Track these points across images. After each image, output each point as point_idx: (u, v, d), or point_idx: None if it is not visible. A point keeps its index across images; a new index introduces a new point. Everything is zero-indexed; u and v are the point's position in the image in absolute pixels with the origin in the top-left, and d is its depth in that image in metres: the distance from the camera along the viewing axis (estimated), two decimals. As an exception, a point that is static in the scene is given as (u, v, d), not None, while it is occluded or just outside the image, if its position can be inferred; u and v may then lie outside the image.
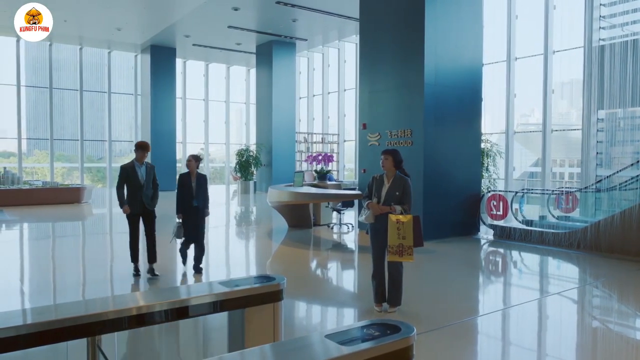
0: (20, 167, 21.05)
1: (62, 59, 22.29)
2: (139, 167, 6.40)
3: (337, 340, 1.74)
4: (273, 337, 2.45)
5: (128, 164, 6.41)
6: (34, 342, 1.84)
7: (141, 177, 6.36)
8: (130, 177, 6.32)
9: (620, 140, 10.56)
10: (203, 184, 6.70)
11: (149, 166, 6.53)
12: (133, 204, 6.34)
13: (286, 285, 2.76)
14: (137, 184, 6.33)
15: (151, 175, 6.50)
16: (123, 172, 6.38)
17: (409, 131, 9.59)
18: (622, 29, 10.64)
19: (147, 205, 6.40)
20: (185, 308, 2.22)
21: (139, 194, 6.34)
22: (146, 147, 6.45)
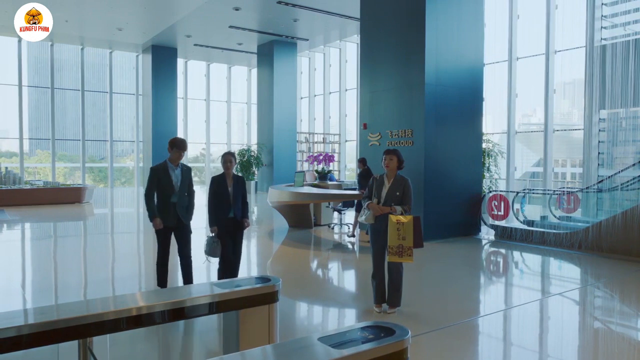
0: (22, 167, 21.07)
1: (64, 59, 22.32)
2: (173, 169, 5.28)
3: (330, 343, 1.72)
4: (268, 339, 2.43)
5: (160, 166, 5.30)
6: (24, 344, 1.82)
7: (175, 182, 5.26)
8: (162, 181, 5.23)
9: (622, 140, 10.52)
10: (241, 188, 5.48)
11: (185, 169, 5.39)
12: (164, 216, 5.25)
13: (282, 286, 2.74)
14: (169, 190, 5.24)
15: (187, 181, 5.38)
16: (154, 175, 5.26)
17: (409, 131, 9.56)
18: (625, 29, 10.60)
19: (181, 218, 5.31)
20: (179, 310, 2.19)
21: (172, 203, 5.25)
22: (183, 145, 5.28)
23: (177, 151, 5.25)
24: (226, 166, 5.40)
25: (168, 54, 21.07)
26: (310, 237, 10.16)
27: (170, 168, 5.28)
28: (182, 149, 5.26)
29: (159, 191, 5.26)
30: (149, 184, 5.26)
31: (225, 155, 5.43)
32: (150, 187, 5.27)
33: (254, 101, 22.73)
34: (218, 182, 5.41)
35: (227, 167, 5.41)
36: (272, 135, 19.94)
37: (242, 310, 2.39)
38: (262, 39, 19.51)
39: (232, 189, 5.40)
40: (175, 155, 5.26)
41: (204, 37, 19.37)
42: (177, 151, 5.26)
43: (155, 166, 5.33)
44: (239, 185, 5.45)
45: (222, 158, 5.41)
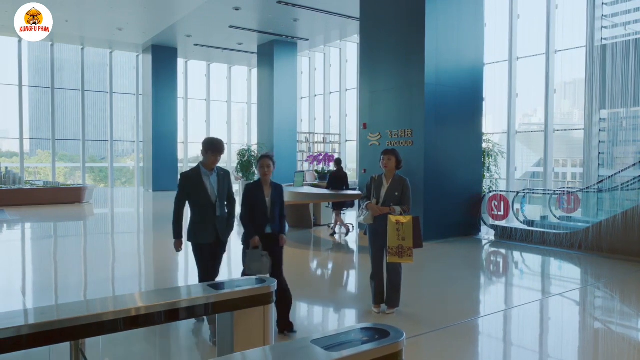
0: (22, 167, 21.08)
1: (64, 59, 22.32)
2: (208, 175, 4.41)
3: (323, 346, 1.70)
4: (263, 341, 2.42)
5: (192, 172, 4.45)
6: (15, 346, 1.80)
7: (212, 190, 4.39)
8: (197, 190, 4.38)
9: (622, 140, 10.49)
10: (280, 198, 4.57)
11: (222, 173, 4.52)
12: (201, 232, 4.40)
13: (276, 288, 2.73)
14: (206, 201, 4.37)
15: (225, 188, 4.52)
16: (184, 183, 4.41)
17: (409, 131, 9.54)
18: (625, 28, 10.57)
19: (220, 234, 4.44)
20: (173, 311, 2.18)
21: (209, 216, 4.38)
22: (219, 148, 4.42)
23: (212, 155, 4.37)
24: (263, 172, 4.44)
25: (168, 54, 21.06)
26: (310, 237, 10.14)
27: (204, 174, 4.40)
28: (218, 151, 4.38)
29: (192, 203, 4.43)
30: (179, 195, 4.44)
31: (263, 159, 4.46)
32: (180, 198, 4.43)
33: (254, 101, 22.71)
34: (253, 190, 4.47)
35: (264, 173, 4.45)
36: (273, 135, 19.92)
37: (236, 312, 2.37)
38: (262, 38, 19.49)
39: (270, 199, 4.47)
40: (210, 159, 4.38)
41: (204, 37, 19.36)
42: (213, 155, 4.37)
43: (186, 172, 4.47)
44: (277, 195, 4.53)
45: (259, 162, 4.48)
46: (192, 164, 25.69)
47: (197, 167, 4.47)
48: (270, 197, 4.47)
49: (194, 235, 4.45)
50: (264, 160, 4.47)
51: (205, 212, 4.40)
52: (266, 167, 4.43)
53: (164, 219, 13.30)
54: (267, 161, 4.46)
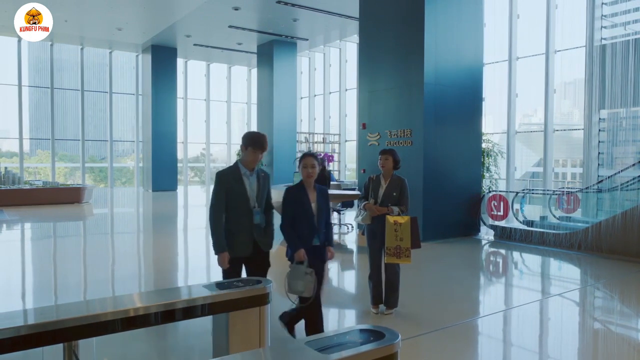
0: (22, 167, 21.07)
1: (64, 59, 22.31)
2: (248, 176, 3.79)
3: (317, 347, 1.69)
4: (258, 342, 2.40)
5: (229, 170, 3.82)
6: (5, 348, 1.79)
7: (251, 193, 3.75)
8: (234, 193, 3.73)
9: (622, 140, 10.48)
10: (326, 203, 3.98)
11: (262, 175, 3.89)
12: (235, 243, 3.72)
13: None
14: (244, 206, 3.73)
15: (265, 192, 3.86)
16: (222, 182, 3.75)
17: (408, 131, 9.53)
18: (625, 28, 10.56)
19: (260, 244, 3.79)
20: (167, 312, 2.16)
21: (246, 224, 3.73)
22: (262, 143, 3.77)
23: (252, 151, 3.73)
24: (307, 173, 3.82)
25: (168, 54, 21.05)
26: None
27: (245, 175, 3.75)
28: (260, 148, 3.74)
29: (229, 206, 3.73)
30: (216, 197, 3.71)
31: (306, 157, 3.85)
32: (218, 202, 3.69)
33: (254, 101, 22.70)
34: (296, 195, 3.85)
35: (307, 175, 3.83)
36: (272, 135, 19.90)
37: (232, 313, 2.36)
38: (261, 38, 19.48)
39: (317, 205, 3.85)
40: (250, 156, 3.76)
41: (203, 37, 19.35)
42: (254, 151, 3.73)
43: (224, 171, 3.81)
44: (324, 200, 3.92)
45: (301, 162, 3.85)
46: (192, 164, 25.72)
47: (236, 165, 3.81)
48: (317, 202, 3.86)
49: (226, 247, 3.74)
50: (307, 159, 3.83)
51: (241, 219, 3.71)
52: (310, 168, 3.81)
53: (163, 219, 13.29)
54: (311, 160, 3.82)
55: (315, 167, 3.85)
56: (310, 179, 3.87)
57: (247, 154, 3.78)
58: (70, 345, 2.04)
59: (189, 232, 11.44)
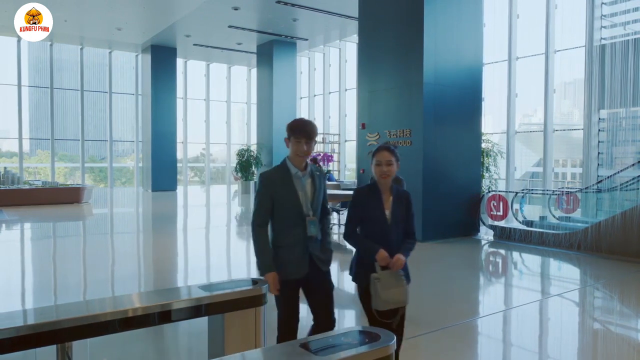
0: (21, 167, 21.07)
1: (63, 59, 22.31)
2: (300, 176, 3.00)
3: (312, 349, 1.68)
4: (255, 344, 2.40)
5: (275, 171, 3.04)
6: (0, 349, 1.78)
7: (304, 198, 2.98)
8: (283, 198, 2.96)
9: (622, 140, 10.47)
10: (408, 209, 3.13)
11: (317, 174, 3.11)
12: (286, 260, 2.97)
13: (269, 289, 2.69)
14: (295, 213, 2.97)
15: (321, 195, 3.09)
16: (266, 186, 2.99)
17: (408, 131, 9.52)
18: (624, 28, 10.55)
19: (317, 262, 3.03)
20: (162, 313, 2.15)
21: (299, 237, 2.97)
22: (305, 128, 2.95)
23: (295, 142, 2.92)
24: (381, 171, 3.00)
25: (167, 54, 21.04)
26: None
27: (295, 175, 2.97)
28: (303, 135, 2.91)
29: (276, 216, 2.99)
30: (259, 204, 2.97)
31: (380, 151, 3.03)
32: (260, 209, 2.97)
33: (254, 101, 22.70)
34: (366, 199, 3.07)
35: (382, 174, 3.00)
36: (272, 135, 19.91)
37: (227, 314, 2.35)
38: (261, 38, 19.48)
39: (392, 213, 3.04)
40: (298, 149, 2.92)
41: (203, 37, 19.35)
42: (297, 141, 2.92)
43: (269, 172, 3.04)
44: (402, 207, 3.09)
45: (375, 157, 3.04)
46: (191, 164, 25.70)
47: (283, 164, 3.02)
48: (392, 210, 3.03)
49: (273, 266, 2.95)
50: (382, 153, 3.00)
51: (292, 231, 2.96)
52: (385, 165, 2.97)
53: (163, 219, 13.28)
54: (387, 155, 2.98)
55: (393, 165, 3.00)
56: (386, 179, 3.00)
57: (290, 147, 2.97)
58: (63, 347, 2.03)
59: (188, 232, 11.43)
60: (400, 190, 3.14)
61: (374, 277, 2.95)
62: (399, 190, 3.13)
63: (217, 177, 26.38)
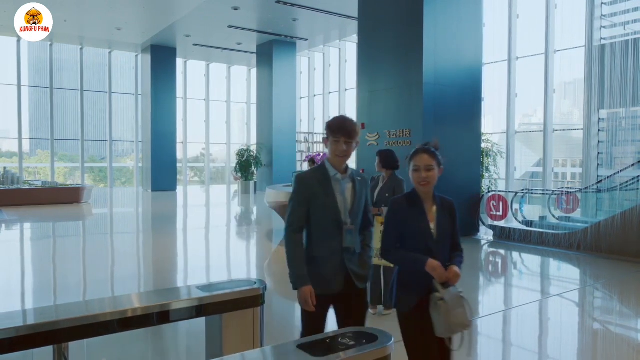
0: (21, 167, 21.06)
1: (63, 59, 22.30)
2: (339, 180, 2.72)
3: (309, 350, 1.68)
4: (253, 344, 2.39)
5: (313, 173, 2.75)
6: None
7: (342, 204, 2.69)
8: (320, 204, 2.68)
9: (621, 140, 10.46)
10: (452, 220, 2.70)
11: (360, 179, 2.81)
12: (319, 273, 2.67)
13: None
14: (331, 221, 2.67)
15: (362, 202, 2.78)
16: (302, 189, 2.71)
17: (407, 131, 9.51)
18: (624, 28, 10.55)
19: (353, 277, 2.69)
20: (159, 314, 2.14)
21: (334, 248, 2.67)
22: (345, 127, 2.66)
23: (334, 142, 2.65)
24: (419, 179, 2.58)
25: (167, 54, 21.03)
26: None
27: (334, 178, 2.69)
28: (343, 133, 2.63)
29: (311, 223, 2.70)
30: (293, 209, 2.68)
31: (419, 154, 2.61)
32: (295, 215, 2.68)
33: (254, 101, 22.70)
34: (406, 211, 2.62)
35: (422, 181, 2.58)
36: (272, 135, 19.91)
37: (225, 314, 2.34)
38: (261, 38, 19.47)
39: (437, 225, 2.61)
40: (337, 149, 2.65)
41: (203, 37, 19.34)
42: (335, 142, 2.65)
43: (305, 173, 2.76)
44: (448, 218, 2.67)
45: (412, 160, 2.62)
46: (191, 164, 25.70)
47: (322, 165, 2.74)
48: (438, 221, 2.61)
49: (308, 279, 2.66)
50: (420, 156, 2.58)
51: (327, 241, 2.66)
52: (425, 171, 2.56)
53: (162, 219, 13.27)
54: (427, 159, 2.57)
55: (434, 170, 2.58)
56: (426, 187, 2.58)
57: (329, 147, 2.69)
58: (60, 348, 2.02)
59: (188, 233, 11.43)
60: (444, 199, 2.72)
61: (437, 298, 2.45)
62: (442, 198, 2.70)
63: (217, 177, 26.38)
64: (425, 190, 2.60)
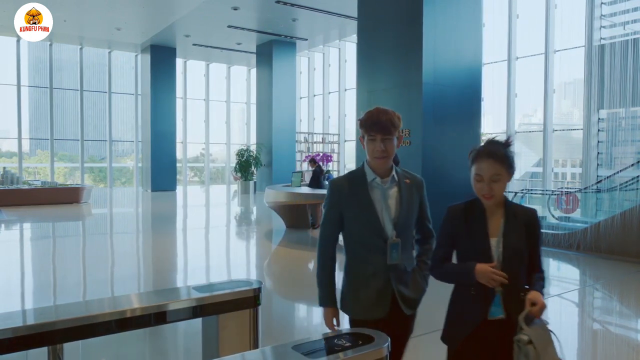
0: (21, 167, 21.06)
1: (63, 59, 22.30)
2: (380, 185, 2.28)
3: (304, 351, 1.67)
4: (249, 345, 2.38)
5: (346, 178, 2.34)
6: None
7: (384, 213, 2.26)
8: (353, 212, 2.27)
9: (621, 140, 10.46)
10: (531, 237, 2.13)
11: (409, 183, 2.40)
12: (359, 295, 2.30)
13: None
14: (371, 234, 2.24)
15: (412, 211, 2.40)
16: (335, 196, 2.31)
17: (407, 131, 9.49)
18: (624, 28, 10.54)
19: (400, 300, 2.32)
20: (155, 315, 2.13)
21: (377, 265, 2.26)
22: (380, 121, 2.24)
23: (370, 142, 2.22)
24: (483, 190, 2.16)
25: (167, 54, 21.03)
26: (308, 238, 10.10)
27: (373, 184, 2.26)
28: (378, 129, 2.21)
29: (349, 236, 2.30)
30: (325, 219, 2.33)
31: (483, 159, 2.14)
32: (327, 225, 2.32)
33: (254, 101, 22.70)
34: (462, 221, 2.25)
35: (485, 195, 2.16)
36: (271, 135, 19.91)
37: (221, 315, 2.33)
38: (261, 38, 19.47)
39: (504, 241, 2.11)
40: (373, 148, 2.21)
41: (203, 37, 19.34)
42: (371, 141, 2.22)
43: (338, 178, 2.37)
44: (521, 231, 2.12)
45: (474, 165, 2.20)
46: (191, 164, 25.72)
47: (360, 168, 2.33)
48: (504, 237, 2.07)
49: (343, 300, 2.34)
50: (484, 163, 2.10)
51: (369, 256, 2.24)
52: (490, 182, 2.09)
53: (161, 219, 13.27)
54: (495, 167, 2.08)
55: (502, 180, 2.09)
56: (491, 200, 2.12)
57: (366, 148, 2.25)
58: (55, 349, 2.01)
59: (187, 233, 11.42)
60: (520, 208, 2.14)
61: (523, 342, 1.97)
62: (518, 208, 2.12)
63: (216, 177, 26.37)
64: (488, 203, 2.15)
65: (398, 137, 2.27)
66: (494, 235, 2.09)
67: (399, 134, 2.27)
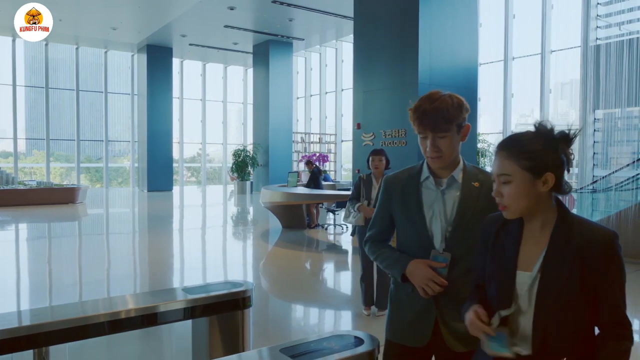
0: (16, 167, 20.97)
1: (59, 58, 22.23)
2: (432, 187, 1.88)
3: (292, 354, 1.64)
4: (239, 347, 2.36)
5: (400, 174, 2.06)
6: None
7: (436, 220, 1.83)
8: (401, 215, 1.92)
9: (617, 140, 10.46)
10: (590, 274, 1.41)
11: (468, 186, 1.83)
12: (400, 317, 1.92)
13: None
14: (417, 240, 1.86)
15: (474, 219, 1.75)
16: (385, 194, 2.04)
17: (403, 131, 9.49)
18: (619, 28, 10.55)
19: (444, 333, 1.77)
20: (143, 317, 2.11)
21: None
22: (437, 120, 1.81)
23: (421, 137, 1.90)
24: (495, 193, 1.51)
25: (163, 54, 20.98)
26: (304, 238, 10.08)
27: (426, 184, 1.93)
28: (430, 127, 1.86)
29: (397, 239, 2.03)
30: (374, 218, 2.08)
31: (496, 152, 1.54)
32: (375, 225, 2.06)
33: (250, 101, 22.67)
34: (494, 237, 1.55)
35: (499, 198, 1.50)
36: (268, 135, 19.88)
37: (211, 317, 2.31)
38: (257, 38, 19.44)
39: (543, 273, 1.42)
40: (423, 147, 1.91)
41: (199, 37, 19.30)
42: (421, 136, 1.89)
43: (392, 175, 2.12)
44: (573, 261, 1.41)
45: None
46: (187, 164, 25.67)
47: (419, 165, 2.03)
48: (544, 269, 1.43)
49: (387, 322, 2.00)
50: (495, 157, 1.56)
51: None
52: (499, 184, 1.51)
53: (157, 219, 13.22)
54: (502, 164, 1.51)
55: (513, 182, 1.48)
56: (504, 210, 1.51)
57: (424, 142, 1.89)
58: (40, 352, 1.99)
59: (184, 233, 11.38)
60: (584, 228, 1.49)
61: None
62: (581, 227, 1.48)
63: (213, 177, 26.32)
64: (507, 215, 1.50)
65: (456, 130, 1.82)
66: (530, 263, 1.45)
67: (462, 122, 1.83)
